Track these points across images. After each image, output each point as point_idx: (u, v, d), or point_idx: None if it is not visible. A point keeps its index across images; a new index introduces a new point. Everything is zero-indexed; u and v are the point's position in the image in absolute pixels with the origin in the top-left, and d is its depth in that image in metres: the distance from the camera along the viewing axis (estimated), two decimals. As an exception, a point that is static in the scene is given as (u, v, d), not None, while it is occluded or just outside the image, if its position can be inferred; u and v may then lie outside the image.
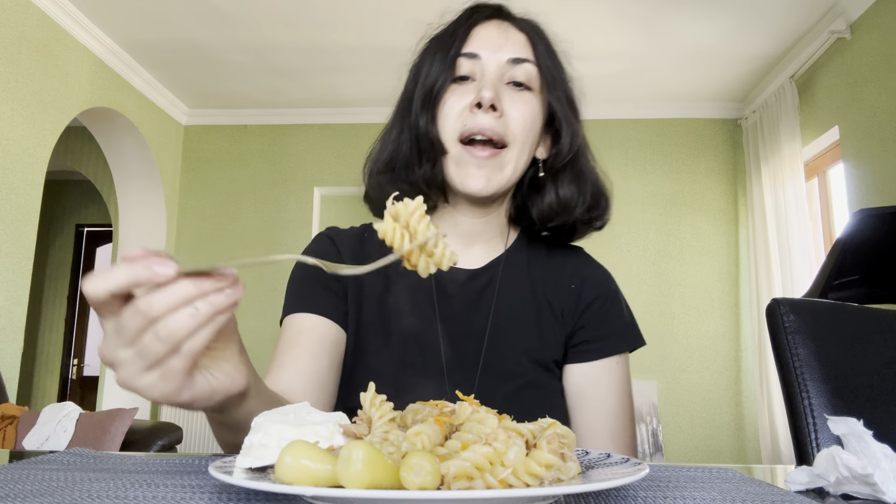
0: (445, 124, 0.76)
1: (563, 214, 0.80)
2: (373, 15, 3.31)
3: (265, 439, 0.42)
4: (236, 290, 0.42)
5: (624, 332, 0.80)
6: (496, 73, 0.76)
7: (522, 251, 0.85)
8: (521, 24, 0.82)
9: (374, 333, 0.78)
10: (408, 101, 0.81)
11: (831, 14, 3.22)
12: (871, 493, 0.43)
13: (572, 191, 0.80)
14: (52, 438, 2.51)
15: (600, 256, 0.95)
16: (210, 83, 4.21)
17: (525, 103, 0.77)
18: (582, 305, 0.81)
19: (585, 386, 0.78)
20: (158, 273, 0.40)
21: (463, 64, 0.77)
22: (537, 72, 0.78)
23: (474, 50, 0.77)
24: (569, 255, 0.87)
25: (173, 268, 0.40)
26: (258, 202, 4.54)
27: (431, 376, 0.75)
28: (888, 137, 2.84)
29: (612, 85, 4.14)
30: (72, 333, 5.71)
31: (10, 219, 2.98)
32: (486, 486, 0.35)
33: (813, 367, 0.78)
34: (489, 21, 0.80)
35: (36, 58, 3.12)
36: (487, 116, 0.74)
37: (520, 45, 0.78)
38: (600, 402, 0.77)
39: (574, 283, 0.82)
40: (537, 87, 0.79)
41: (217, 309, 0.41)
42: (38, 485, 0.44)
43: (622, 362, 0.79)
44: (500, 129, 0.74)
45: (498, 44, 0.77)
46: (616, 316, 0.81)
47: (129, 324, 0.41)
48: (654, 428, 4.01)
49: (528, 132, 0.77)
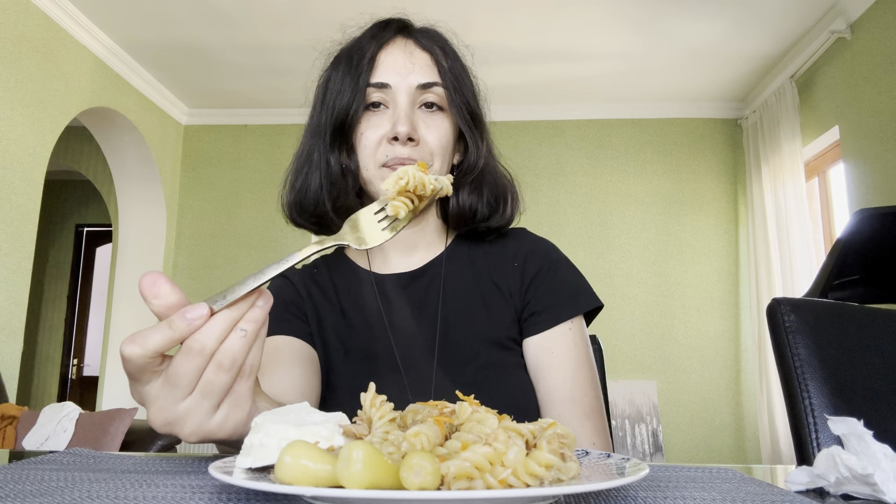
0: (364, 154, 0.80)
1: (468, 221, 0.85)
2: (373, 15, 3.31)
3: (265, 439, 0.42)
4: (266, 300, 0.44)
5: (570, 297, 0.81)
6: (407, 101, 0.79)
7: (463, 245, 0.89)
8: (425, 40, 0.84)
9: (334, 352, 0.82)
10: (318, 126, 0.84)
11: (831, 14, 3.22)
12: (872, 493, 0.43)
13: (473, 199, 0.84)
14: (51, 438, 2.51)
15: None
16: (210, 83, 4.21)
17: (438, 126, 0.81)
18: (527, 280, 0.83)
19: (541, 356, 0.79)
20: (194, 319, 0.41)
21: (373, 93, 0.80)
22: (445, 92, 0.81)
23: (383, 80, 0.79)
24: (511, 237, 0.89)
25: (205, 307, 0.41)
26: (258, 202, 4.54)
27: (391, 381, 0.78)
28: (888, 137, 2.84)
29: (612, 85, 4.14)
30: (72, 333, 5.71)
31: (10, 219, 2.98)
32: (486, 486, 0.35)
33: (813, 367, 0.78)
34: (393, 43, 0.83)
35: (36, 58, 3.12)
36: (405, 148, 0.77)
37: (426, 69, 0.81)
38: (557, 369, 0.78)
39: (517, 261, 0.85)
40: (447, 106, 0.82)
41: (259, 323, 0.44)
42: (38, 485, 0.44)
43: (574, 328, 0.80)
44: (418, 156, 0.78)
45: (405, 70, 0.80)
46: (560, 284, 0.82)
47: (185, 370, 0.42)
48: (654, 428, 4.01)
49: (445, 149, 0.81)
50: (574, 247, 4.21)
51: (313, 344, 0.82)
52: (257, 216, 4.53)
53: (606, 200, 4.37)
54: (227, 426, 0.45)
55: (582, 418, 0.75)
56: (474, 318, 0.81)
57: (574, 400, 0.76)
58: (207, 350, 0.42)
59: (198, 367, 0.42)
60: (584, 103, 4.40)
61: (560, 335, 0.79)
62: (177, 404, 0.43)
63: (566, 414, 0.76)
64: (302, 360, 0.79)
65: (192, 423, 0.44)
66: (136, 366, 0.42)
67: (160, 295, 0.42)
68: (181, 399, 0.43)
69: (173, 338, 0.41)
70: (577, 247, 4.21)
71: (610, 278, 4.17)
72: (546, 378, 0.78)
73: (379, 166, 0.79)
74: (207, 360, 0.42)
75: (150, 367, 0.42)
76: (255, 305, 0.44)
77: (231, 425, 0.45)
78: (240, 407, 0.45)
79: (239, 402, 0.45)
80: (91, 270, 5.84)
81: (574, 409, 0.76)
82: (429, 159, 0.79)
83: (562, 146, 4.45)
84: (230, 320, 0.42)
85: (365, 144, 0.80)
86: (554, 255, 0.86)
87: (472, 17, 3.31)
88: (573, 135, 4.46)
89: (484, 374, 0.78)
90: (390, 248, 0.87)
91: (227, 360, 0.42)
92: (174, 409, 0.43)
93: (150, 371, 0.43)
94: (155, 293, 0.42)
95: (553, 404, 0.77)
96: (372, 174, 0.80)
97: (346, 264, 0.89)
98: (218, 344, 0.42)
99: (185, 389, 0.42)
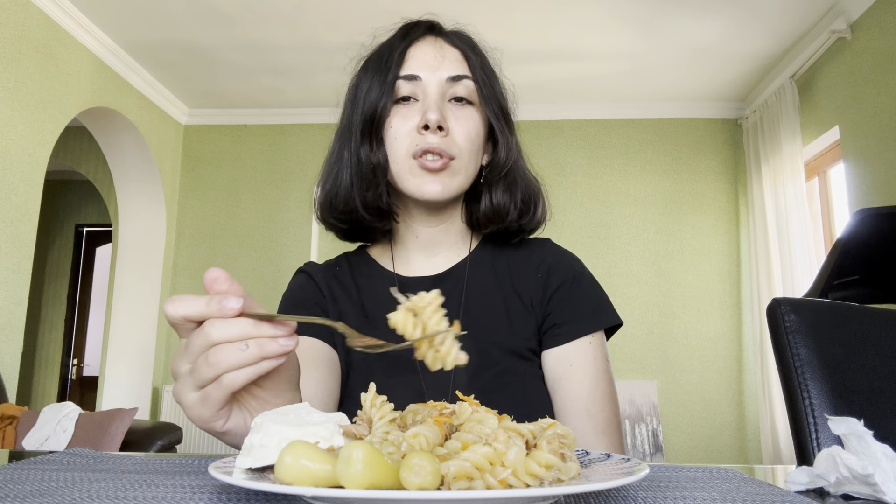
0: (395, 146, 0.79)
1: (497, 220, 0.84)
2: (373, 15, 3.31)
3: (265, 439, 0.42)
4: (290, 341, 0.46)
5: (592, 313, 0.81)
6: (438, 92, 0.80)
7: (487, 251, 0.88)
8: (454, 39, 0.85)
9: (354, 352, 0.81)
10: (348, 126, 0.84)
11: (832, 14, 3.22)
12: (872, 493, 0.43)
13: (505, 198, 0.84)
14: (51, 438, 2.51)
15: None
16: (210, 83, 4.21)
17: (468, 119, 0.81)
18: (549, 292, 0.83)
19: (560, 369, 0.79)
20: (225, 308, 0.44)
21: (403, 86, 0.80)
22: (475, 87, 0.82)
23: (413, 72, 0.80)
24: (535, 246, 0.89)
25: (239, 304, 0.44)
26: (258, 202, 4.54)
27: (409, 384, 0.78)
28: (889, 137, 2.84)
29: (612, 85, 4.14)
30: (71, 333, 5.71)
31: (10, 219, 2.98)
32: (486, 486, 0.35)
33: (814, 367, 0.78)
34: (423, 40, 0.83)
35: (36, 57, 3.12)
36: (435, 137, 0.77)
37: (456, 62, 0.82)
38: (575, 383, 0.77)
39: (540, 272, 0.85)
40: (476, 100, 0.82)
41: (265, 354, 0.45)
42: (38, 485, 0.44)
43: (595, 343, 0.80)
44: (446, 147, 0.78)
45: (435, 63, 0.81)
46: (583, 298, 0.82)
47: (194, 343, 0.45)
48: (655, 428, 4.01)
49: (474, 144, 0.81)
50: (574, 247, 4.19)
51: (334, 344, 0.82)
52: (257, 216, 4.53)
53: (606, 200, 4.36)
54: (191, 411, 0.47)
55: (598, 433, 0.75)
56: (495, 326, 0.81)
57: (591, 414, 0.76)
58: (210, 340, 0.44)
59: (200, 347, 0.45)
60: (584, 103, 4.40)
61: (580, 349, 0.79)
62: (181, 363, 0.47)
63: (582, 428, 0.75)
64: (321, 363, 0.79)
65: (178, 386, 0.48)
66: (172, 322, 0.46)
67: (218, 279, 0.46)
68: (184, 362, 0.47)
69: (203, 312, 0.45)
70: (577, 247, 4.21)
71: (610, 278, 4.17)
72: (563, 391, 0.78)
73: (409, 157, 0.78)
74: (207, 347, 0.45)
75: (184, 326, 0.46)
76: (275, 339, 0.45)
77: (195, 414, 0.48)
78: (205, 406, 0.47)
79: (206, 402, 0.46)
80: (91, 270, 5.84)
81: (590, 423, 0.76)
82: (457, 151, 0.79)
83: (562, 146, 4.45)
84: (242, 332, 0.44)
85: (394, 137, 0.79)
86: (578, 268, 0.86)
87: (472, 16, 3.31)
88: (573, 135, 4.46)
89: (501, 381, 0.77)
90: (413, 248, 0.87)
91: (213, 358, 0.44)
92: (179, 364, 0.47)
93: (183, 330, 0.47)
94: (215, 288, 0.46)
95: (569, 417, 0.77)
96: (402, 167, 0.79)
97: (370, 264, 0.89)
98: (220, 341, 0.44)
99: (188, 358, 0.46)
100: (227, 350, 0.44)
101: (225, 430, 0.49)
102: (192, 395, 0.47)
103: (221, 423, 0.49)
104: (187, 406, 0.47)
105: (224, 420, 0.49)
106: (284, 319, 0.46)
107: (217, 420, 0.48)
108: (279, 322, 0.46)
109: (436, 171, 0.78)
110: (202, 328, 0.45)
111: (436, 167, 0.77)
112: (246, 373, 0.45)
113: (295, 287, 0.88)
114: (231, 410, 0.49)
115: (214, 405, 0.47)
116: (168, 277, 4.45)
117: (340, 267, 0.90)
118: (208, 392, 0.46)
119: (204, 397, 0.46)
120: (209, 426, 0.49)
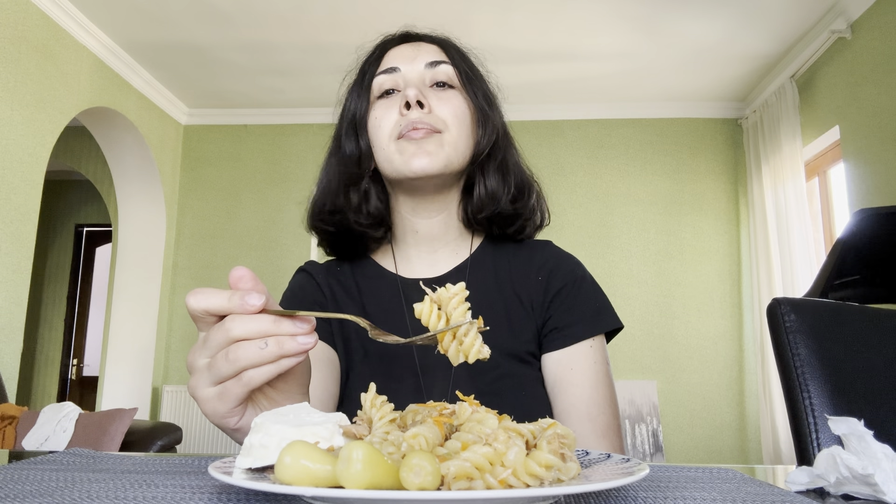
0: (378, 134, 0.80)
1: (491, 205, 0.83)
2: (373, 15, 3.31)
3: (265, 440, 0.42)
4: (309, 339, 0.46)
5: (593, 316, 0.81)
6: (418, 78, 0.82)
7: (488, 253, 0.88)
8: (430, 38, 0.87)
9: (354, 352, 0.82)
10: (336, 139, 0.86)
11: (832, 14, 3.22)
12: (872, 493, 0.43)
13: (497, 181, 0.84)
14: (51, 439, 2.51)
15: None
16: (210, 83, 4.21)
17: (450, 99, 0.81)
18: (549, 295, 0.83)
19: (560, 372, 0.79)
20: (247, 304, 0.45)
21: (384, 81, 0.82)
22: (455, 71, 0.83)
23: (391, 64, 0.82)
24: (536, 248, 0.89)
25: (261, 300, 0.45)
26: (258, 202, 4.54)
27: (409, 385, 0.78)
28: (889, 137, 2.84)
29: (613, 85, 4.14)
30: (71, 333, 5.71)
31: (10, 219, 2.98)
32: (486, 486, 0.35)
33: (814, 367, 0.78)
34: (400, 45, 0.86)
35: (36, 57, 3.12)
36: (416, 112, 0.78)
37: (434, 52, 0.84)
38: (575, 386, 0.77)
39: (541, 275, 0.84)
40: (459, 85, 0.83)
41: (283, 352, 0.45)
42: (38, 485, 0.44)
43: (595, 346, 0.80)
44: (430, 121, 0.78)
45: (413, 54, 0.83)
46: (584, 301, 0.82)
47: (213, 338, 0.46)
48: (655, 428, 4.01)
49: (460, 121, 0.81)
50: (574, 247, 4.20)
51: (334, 344, 0.82)
52: (257, 216, 4.53)
53: (606, 200, 4.36)
54: (207, 406, 0.48)
55: (599, 437, 0.75)
56: (495, 329, 0.81)
57: (591, 417, 0.76)
58: (230, 336, 0.45)
59: (219, 342, 0.45)
60: (584, 103, 4.40)
61: (580, 352, 0.79)
62: (198, 357, 0.47)
63: (583, 431, 0.75)
64: (321, 363, 0.79)
65: (194, 381, 0.48)
66: (193, 314, 0.47)
67: (243, 277, 0.47)
68: (202, 356, 0.47)
69: (224, 307, 0.45)
70: (577, 247, 4.21)
71: (610, 278, 4.17)
72: (564, 394, 0.78)
73: (393, 139, 0.79)
74: (227, 343, 0.45)
75: (204, 319, 0.47)
76: (294, 337, 0.45)
77: (210, 409, 0.48)
78: (222, 401, 0.47)
79: (223, 398, 0.47)
80: (91, 270, 5.84)
81: (590, 426, 0.76)
82: (442, 126, 0.79)
83: (562, 146, 4.45)
84: (263, 329, 0.44)
85: (377, 126, 0.80)
86: (579, 272, 0.86)
87: (472, 16, 3.31)
88: (573, 135, 4.46)
89: (502, 383, 0.77)
90: (413, 245, 0.86)
91: (233, 355, 0.44)
92: (196, 358, 0.47)
93: (203, 323, 0.47)
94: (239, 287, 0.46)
95: (569, 421, 0.77)
96: (388, 151, 0.79)
97: (371, 265, 0.89)
98: (240, 337, 0.44)
99: (207, 352, 0.47)
100: (247, 347, 0.44)
101: (238, 426, 0.49)
102: (209, 390, 0.47)
103: (236, 419, 0.49)
104: (203, 400, 0.47)
105: (239, 417, 0.49)
106: (305, 316, 0.46)
107: (232, 416, 0.48)
108: (299, 318, 0.46)
109: (420, 141, 0.77)
110: (223, 323, 0.45)
111: (419, 136, 0.77)
112: (266, 371, 0.45)
113: (296, 286, 0.88)
114: (246, 408, 0.49)
115: (232, 401, 0.47)
116: (168, 277, 4.45)
117: (341, 267, 0.89)
118: (227, 388, 0.46)
119: (222, 392, 0.46)
120: (223, 422, 0.49)
